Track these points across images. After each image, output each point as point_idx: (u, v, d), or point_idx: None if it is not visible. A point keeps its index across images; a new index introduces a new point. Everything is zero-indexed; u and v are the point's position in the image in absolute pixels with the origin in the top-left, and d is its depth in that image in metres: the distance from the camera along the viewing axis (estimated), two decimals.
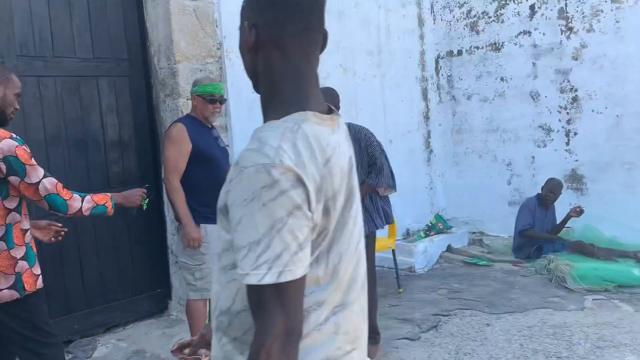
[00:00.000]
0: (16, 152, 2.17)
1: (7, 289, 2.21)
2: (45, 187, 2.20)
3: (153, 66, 4.30)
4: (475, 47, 6.17)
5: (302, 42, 1.08)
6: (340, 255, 0.98)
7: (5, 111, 2.34)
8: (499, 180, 6.08)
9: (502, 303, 4.23)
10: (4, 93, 2.30)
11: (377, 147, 3.38)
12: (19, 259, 2.25)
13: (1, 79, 2.32)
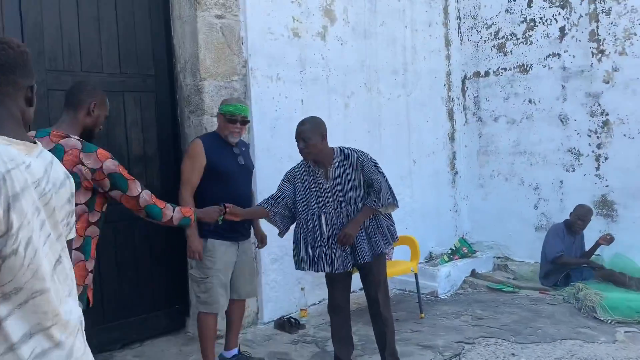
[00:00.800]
0: (119, 170, 2.34)
1: None
2: (145, 199, 2.40)
3: (179, 83, 4.32)
4: (503, 68, 6.08)
5: (3, 92, 1.31)
6: (35, 251, 1.15)
7: (94, 130, 2.49)
8: (525, 204, 5.93)
9: (528, 332, 4.08)
10: (99, 114, 2.47)
11: (371, 166, 3.24)
12: (89, 271, 2.34)
13: (100, 101, 2.47)
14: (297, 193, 3.31)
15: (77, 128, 2.42)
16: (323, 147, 3.25)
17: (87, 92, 2.45)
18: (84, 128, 2.44)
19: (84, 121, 2.43)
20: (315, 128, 3.22)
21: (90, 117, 2.44)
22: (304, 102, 4.77)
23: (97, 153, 2.32)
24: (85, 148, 2.32)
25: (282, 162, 4.54)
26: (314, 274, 4.80)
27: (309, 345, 4.01)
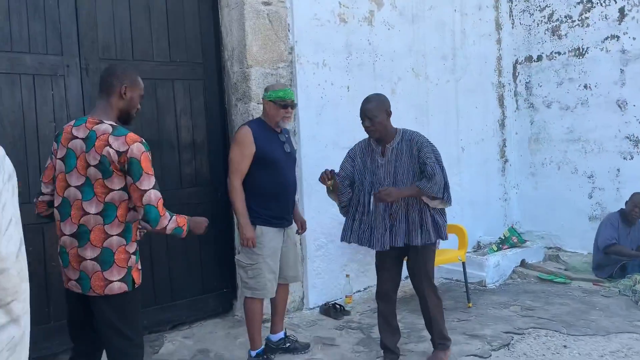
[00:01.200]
0: (140, 157, 2.30)
1: (118, 281, 2.33)
2: (149, 197, 2.30)
3: (226, 70, 4.37)
4: (557, 52, 5.85)
5: None
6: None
7: (130, 112, 2.50)
8: (579, 193, 5.72)
9: (581, 324, 3.95)
10: (131, 96, 2.45)
11: (429, 153, 3.17)
12: (132, 253, 2.38)
13: (131, 82, 2.45)
14: (356, 170, 3.35)
15: (112, 113, 2.43)
16: (388, 125, 3.25)
17: (116, 76, 2.44)
18: (119, 112, 2.46)
19: (118, 105, 2.44)
20: (380, 105, 3.23)
21: (123, 100, 2.44)
22: (350, 88, 4.74)
23: (126, 137, 2.31)
24: (115, 131, 2.33)
25: (327, 149, 4.54)
26: (360, 261, 4.80)
27: (354, 332, 4.02)
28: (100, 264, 2.32)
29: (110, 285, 2.32)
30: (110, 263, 2.32)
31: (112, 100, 2.43)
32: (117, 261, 2.33)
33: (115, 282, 2.33)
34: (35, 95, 3.61)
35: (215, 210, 4.40)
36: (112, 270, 2.32)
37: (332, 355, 3.60)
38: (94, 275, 2.32)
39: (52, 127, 3.67)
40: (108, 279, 2.32)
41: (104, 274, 2.32)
